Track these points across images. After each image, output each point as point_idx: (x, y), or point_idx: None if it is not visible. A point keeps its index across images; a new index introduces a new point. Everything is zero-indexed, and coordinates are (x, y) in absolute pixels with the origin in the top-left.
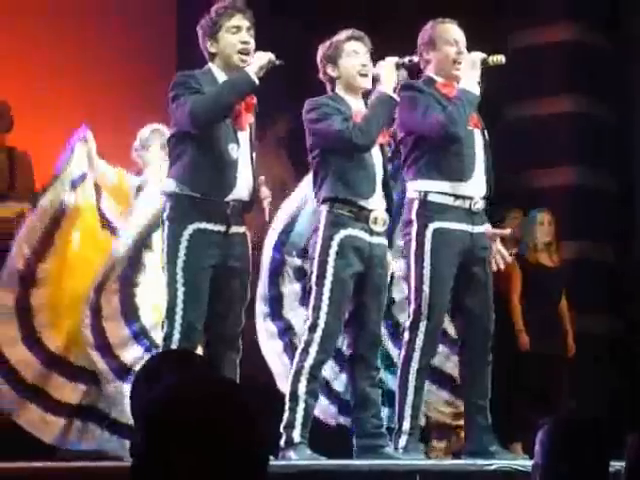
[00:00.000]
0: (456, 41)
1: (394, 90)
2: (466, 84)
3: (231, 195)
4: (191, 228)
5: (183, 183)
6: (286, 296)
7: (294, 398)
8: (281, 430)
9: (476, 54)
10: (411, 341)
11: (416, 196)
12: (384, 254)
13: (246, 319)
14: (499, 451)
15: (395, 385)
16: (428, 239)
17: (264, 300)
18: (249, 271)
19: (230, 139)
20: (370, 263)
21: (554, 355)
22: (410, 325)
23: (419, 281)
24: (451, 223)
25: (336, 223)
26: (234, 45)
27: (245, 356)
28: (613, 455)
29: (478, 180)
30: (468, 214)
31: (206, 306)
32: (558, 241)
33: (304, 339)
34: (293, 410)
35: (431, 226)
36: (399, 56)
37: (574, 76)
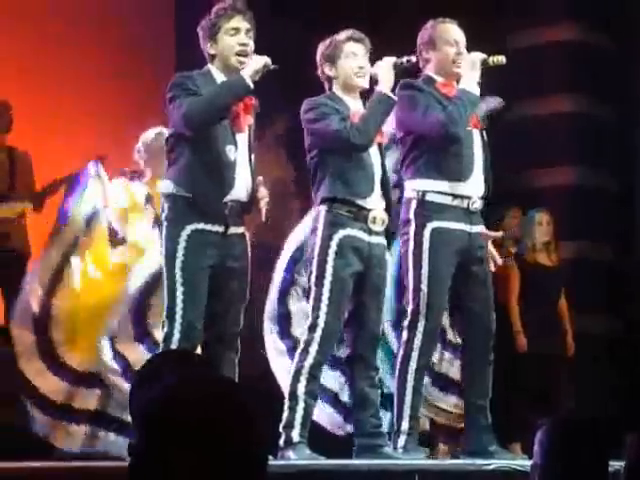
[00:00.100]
0: (456, 41)
1: (392, 90)
2: (466, 84)
3: (229, 196)
4: (189, 229)
5: (180, 184)
6: (294, 314)
7: (293, 398)
8: (280, 430)
9: (476, 54)
10: (409, 341)
11: (414, 195)
12: (383, 254)
13: (245, 319)
14: (498, 451)
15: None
16: (426, 238)
17: (273, 318)
18: (248, 271)
19: (228, 141)
20: (369, 263)
21: (553, 355)
22: (408, 325)
23: (417, 281)
24: (449, 223)
25: (335, 223)
26: (232, 47)
27: (244, 356)
28: (612, 455)
29: (476, 180)
30: (466, 214)
31: (206, 305)
32: (557, 241)
33: (304, 339)
34: (292, 410)
35: (429, 225)
36: (397, 56)
37: (575, 76)
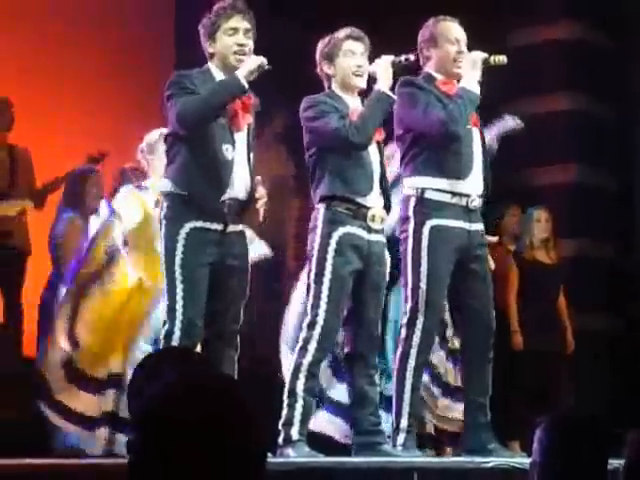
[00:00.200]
0: (457, 39)
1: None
2: (467, 83)
3: (227, 194)
4: (187, 227)
5: (177, 183)
6: None
7: (292, 395)
8: (279, 427)
9: (477, 54)
10: (408, 338)
11: (413, 193)
12: (382, 251)
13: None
14: (497, 449)
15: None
16: (425, 236)
17: (289, 342)
18: (248, 269)
19: (225, 140)
20: (369, 260)
21: (551, 352)
22: (407, 322)
23: (416, 278)
24: (448, 220)
25: (334, 221)
26: (230, 47)
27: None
28: (612, 453)
29: (475, 178)
30: (465, 211)
31: (205, 303)
32: (555, 238)
33: (302, 337)
34: (292, 407)
35: (428, 223)
36: (396, 54)
37: (573, 74)
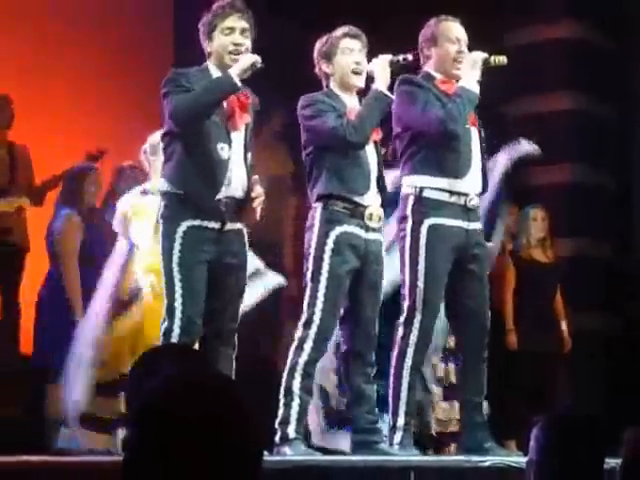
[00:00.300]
0: (458, 39)
1: (388, 87)
2: (466, 82)
3: (223, 193)
4: (184, 225)
5: (173, 182)
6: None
7: (289, 394)
8: (276, 426)
9: (477, 54)
10: (405, 337)
11: (411, 192)
12: (380, 250)
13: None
14: (494, 448)
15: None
16: (423, 235)
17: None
18: (246, 267)
19: (221, 138)
20: (366, 259)
21: (548, 352)
22: (404, 321)
23: (414, 277)
24: (446, 219)
25: (331, 220)
26: (226, 46)
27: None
28: (609, 452)
29: (474, 177)
30: (463, 210)
31: (204, 301)
32: (552, 237)
33: (298, 336)
34: (288, 406)
35: (426, 222)
36: (394, 54)
37: (574, 73)
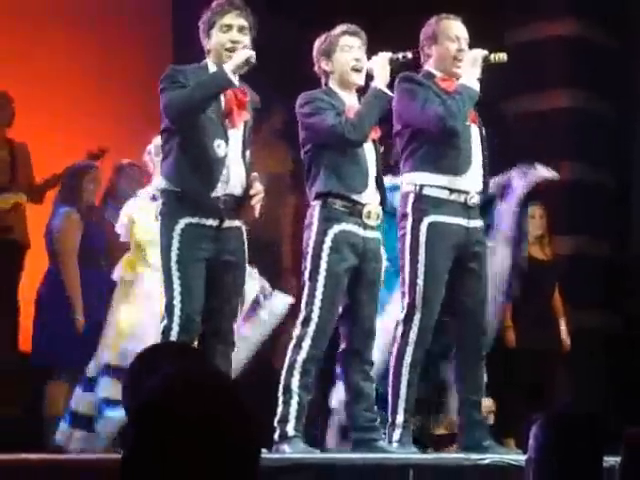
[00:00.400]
0: (458, 37)
1: (388, 85)
2: (466, 80)
3: (221, 191)
4: (182, 222)
5: (170, 180)
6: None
7: (287, 392)
8: (275, 424)
9: (478, 51)
10: (405, 334)
11: (412, 189)
12: (378, 248)
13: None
14: (492, 446)
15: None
16: (423, 233)
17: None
18: (244, 265)
19: (218, 136)
20: (364, 257)
21: (546, 349)
22: (404, 318)
23: (414, 274)
24: (447, 217)
25: (330, 218)
26: (223, 43)
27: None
28: (608, 450)
29: (474, 175)
30: (464, 208)
31: (203, 299)
32: (550, 235)
33: (296, 334)
34: (287, 404)
35: (426, 220)
36: (393, 52)
37: (574, 71)
